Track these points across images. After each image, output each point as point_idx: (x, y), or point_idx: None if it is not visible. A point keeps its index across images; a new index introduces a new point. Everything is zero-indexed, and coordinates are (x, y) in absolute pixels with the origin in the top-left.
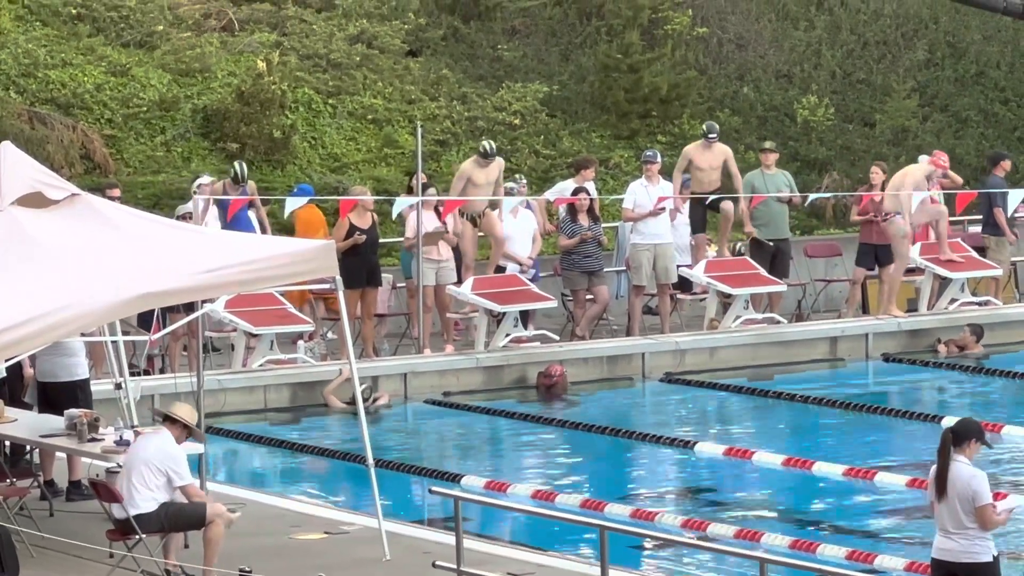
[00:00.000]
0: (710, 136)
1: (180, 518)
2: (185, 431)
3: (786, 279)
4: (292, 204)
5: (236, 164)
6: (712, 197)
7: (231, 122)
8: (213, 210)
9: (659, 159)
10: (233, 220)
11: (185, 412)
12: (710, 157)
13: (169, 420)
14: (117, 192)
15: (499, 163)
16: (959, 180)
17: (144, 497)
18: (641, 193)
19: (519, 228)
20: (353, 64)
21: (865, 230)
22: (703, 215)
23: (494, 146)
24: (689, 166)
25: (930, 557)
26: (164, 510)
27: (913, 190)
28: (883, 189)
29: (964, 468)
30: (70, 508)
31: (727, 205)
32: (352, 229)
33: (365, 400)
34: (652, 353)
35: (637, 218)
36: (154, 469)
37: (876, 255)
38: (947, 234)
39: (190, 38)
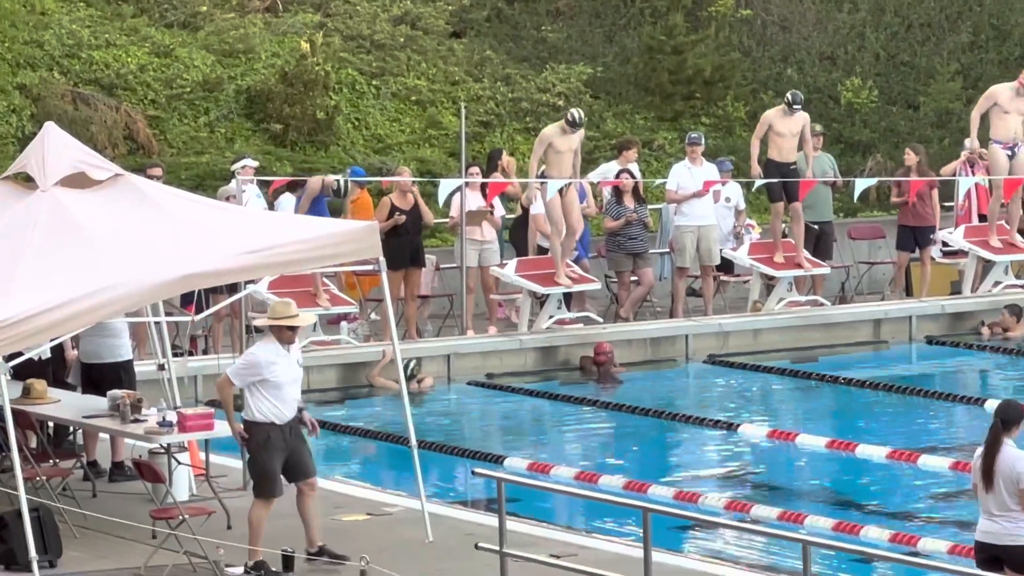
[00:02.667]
0: (795, 106)
1: None
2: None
3: (830, 261)
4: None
5: (339, 179)
6: (760, 182)
7: (275, 103)
8: (253, 190)
9: (703, 141)
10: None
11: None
12: (791, 123)
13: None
14: (159, 172)
15: (581, 133)
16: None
17: None
18: (684, 175)
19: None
20: (397, 45)
21: (903, 213)
22: (780, 185)
23: (582, 115)
24: (768, 132)
25: (974, 540)
26: None
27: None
28: (918, 171)
29: (1010, 451)
30: (113, 489)
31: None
32: (393, 210)
33: (411, 377)
34: (696, 335)
35: (680, 200)
36: None
37: (915, 237)
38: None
39: (234, 19)
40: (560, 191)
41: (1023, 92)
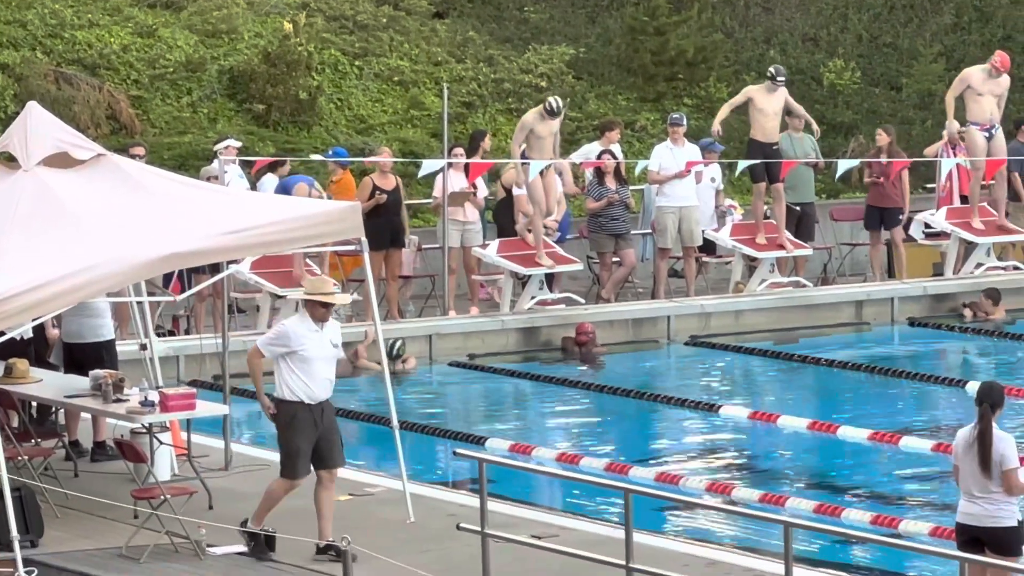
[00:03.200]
0: (778, 79)
1: None
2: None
3: (812, 242)
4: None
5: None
6: (745, 163)
7: (257, 83)
8: (235, 170)
9: (685, 122)
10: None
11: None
12: (774, 101)
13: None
14: (142, 151)
15: (562, 116)
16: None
17: None
18: (667, 156)
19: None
20: (380, 26)
21: (872, 193)
22: (762, 165)
23: (561, 104)
24: (750, 110)
25: (955, 521)
26: None
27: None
28: (889, 152)
29: (994, 432)
30: (95, 469)
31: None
32: (375, 190)
33: (397, 357)
34: (677, 316)
35: (662, 181)
36: None
37: (882, 217)
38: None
39: None
40: (540, 173)
41: (995, 74)
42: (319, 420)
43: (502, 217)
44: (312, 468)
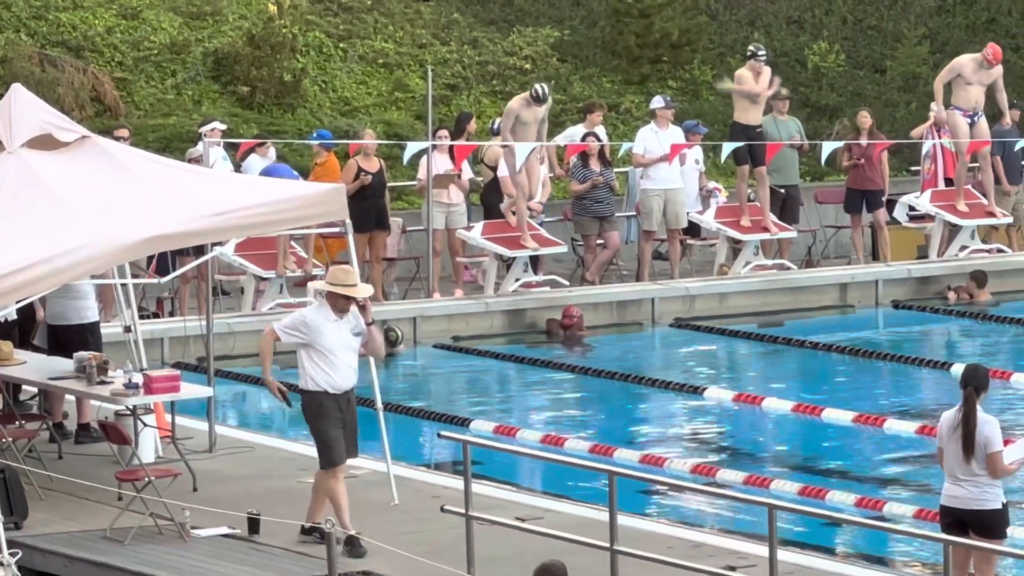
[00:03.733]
0: (759, 55)
1: None
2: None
3: (796, 225)
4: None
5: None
6: (730, 145)
7: (242, 65)
8: (219, 152)
9: (670, 104)
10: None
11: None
12: (763, 83)
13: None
14: (125, 133)
15: (548, 102)
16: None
17: None
18: (651, 139)
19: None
20: (364, 8)
21: (853, 176)
22: (746, 148)
23: (547, 91)
24: (734, 96)
25: (939, 504)
26: None
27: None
28: (869, 135)
29: (978, 415)
30: (79, 451)
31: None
32: (359, 173)
33: (394, 343)
34: (662, 299)
35: (647, 163)
36: None
37: (865, 200)
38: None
39: None
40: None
41: (987, 66)
42: (344, 408)
43: (489, 198)
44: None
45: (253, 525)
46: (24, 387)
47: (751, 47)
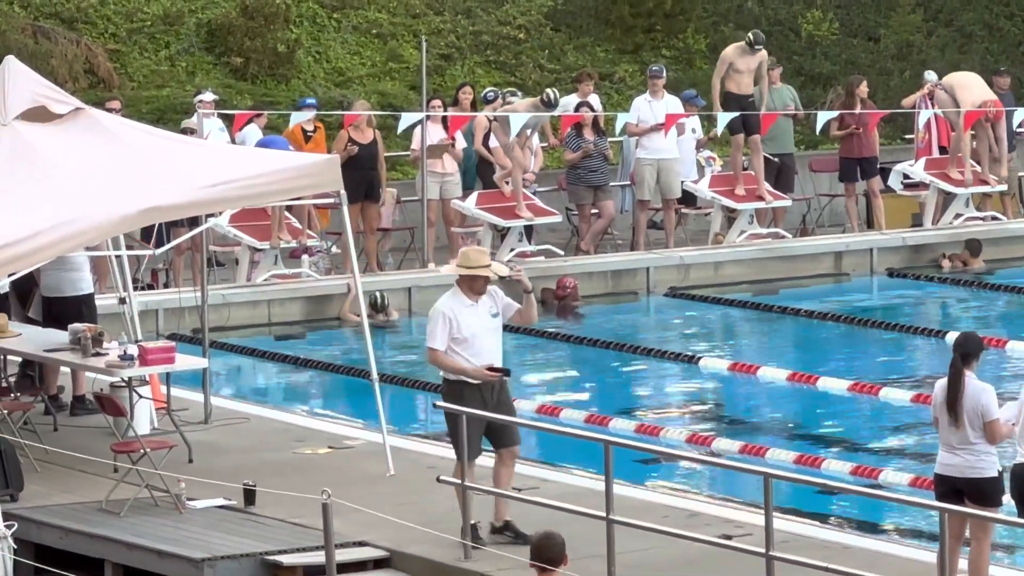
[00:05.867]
0: (756, 47)
1: None
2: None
3: (791, 194)
4: (297, 118)
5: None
6: (725, 116)
7: (235, 36)
8: (216, 123)
9: (664, 74)
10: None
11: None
12: (750, 61)
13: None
14: (117, 105)
15: (558, 107)
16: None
17: None
18: (645, 108)
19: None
20: None
21: (846, 144)
22: (739, 117)
23: (558, 97)
24: (726, 69)
25: (933, 472)
26: None
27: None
28: (863, 103)
29: (973, 383)
30: (74, 423)
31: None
32: (349, 143)
33: (381, 308)
34: (657, 268)
35: (641, 133)
36: None
37: (861, 168)
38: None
39: None
40: None
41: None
42: (488, 397)
43: (486, 169)
44: (492, 446)
45: (249, 496)
46: (8, 359)
47: (750, 35)
